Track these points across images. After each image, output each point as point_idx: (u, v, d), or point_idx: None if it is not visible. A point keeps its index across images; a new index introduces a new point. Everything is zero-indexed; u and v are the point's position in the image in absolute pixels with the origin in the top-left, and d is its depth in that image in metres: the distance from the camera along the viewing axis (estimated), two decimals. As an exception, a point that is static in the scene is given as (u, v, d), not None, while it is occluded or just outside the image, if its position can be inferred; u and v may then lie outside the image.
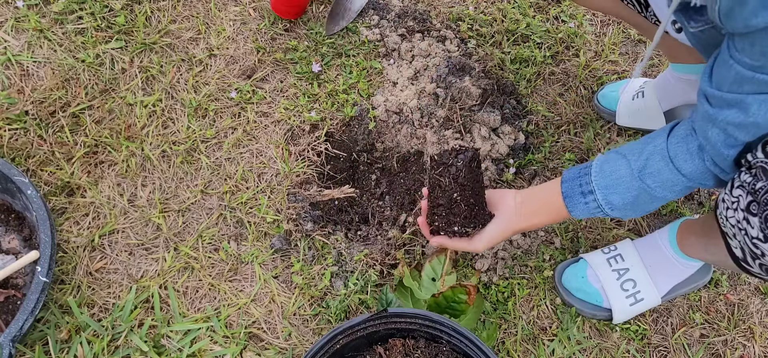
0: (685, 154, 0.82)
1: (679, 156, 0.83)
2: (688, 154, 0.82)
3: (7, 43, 1.27)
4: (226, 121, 1.27)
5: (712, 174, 0.81)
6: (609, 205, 0.88)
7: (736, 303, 1.20)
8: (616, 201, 0.87)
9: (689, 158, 0.82)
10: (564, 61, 1.47)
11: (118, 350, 1.02)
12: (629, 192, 0.87)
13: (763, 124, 0.71)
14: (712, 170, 0.80)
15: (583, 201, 0.90)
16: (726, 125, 0.74)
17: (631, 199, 0.87)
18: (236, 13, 1.42)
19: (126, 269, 1.10)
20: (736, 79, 0.70)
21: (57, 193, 1.15)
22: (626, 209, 0.88)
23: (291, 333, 1.07)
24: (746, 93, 0.70)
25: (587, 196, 0.90)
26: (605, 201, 0.88)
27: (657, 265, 1.11)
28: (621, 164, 0.87)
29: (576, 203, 0.91)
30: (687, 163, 0.82)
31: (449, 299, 1.07)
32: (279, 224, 1.17)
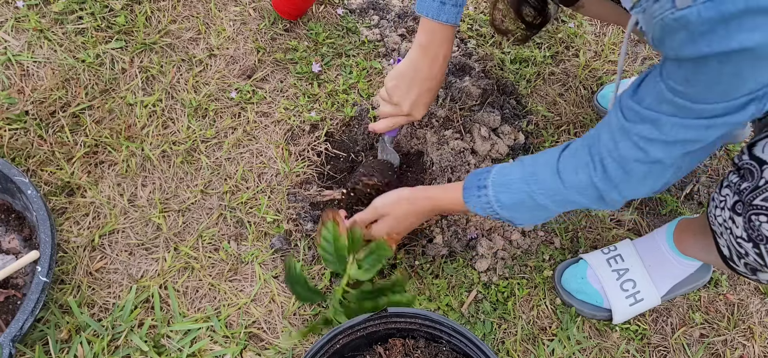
0: (572, 166, 0.86)
1: (566, 168, 0.87)
2: (574, 167, 0.86)
3: (7, 43, 1.27)
4: (226, 121, 1.27)
5: (594, 189, 0.84)
6: (498, 202, 0.92)
7: (736, 303, 1.20)
8: (505, 200, 0.92)
9: (574, 171, 0.86)
10: (564, 61, 1.47)
11: (118, 350, 1.02)
12: (517, 194, 0.91)
13: (672, 141, 0.74)
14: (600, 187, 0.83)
15: (476, 194, 0.95)
16: (638, 139, 0.76)
17: (518, 200, 0.91)
18: (236, 13, 1.42)
19: (126, 269, 1.10)
20: (658, 97, 0.72)
21: (57, 193, 1.15)
22: (513, 210, 0.92)
23: (291, 333, 1.07)
24: (663, 113, 0.72)
25: (481, 190, 0.94)
26: (495, 198, 0.92)
27: (656, 265, 1.11)
28: (516, 167, 0.93)
29: (470, 194, 0.96)
30: (570, 175, 0.86)
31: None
32: (279, 224, 1.17)
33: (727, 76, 0.62)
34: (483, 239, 1.19)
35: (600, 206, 0.87)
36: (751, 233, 0.78)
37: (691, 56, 0.63)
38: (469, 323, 1.11)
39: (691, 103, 0.68)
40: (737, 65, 0.60)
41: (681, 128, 0.72)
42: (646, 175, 0.80)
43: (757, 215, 0.77)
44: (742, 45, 0.57)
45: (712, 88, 0.65)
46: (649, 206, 1.30)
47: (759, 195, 0.76)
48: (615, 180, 0.81)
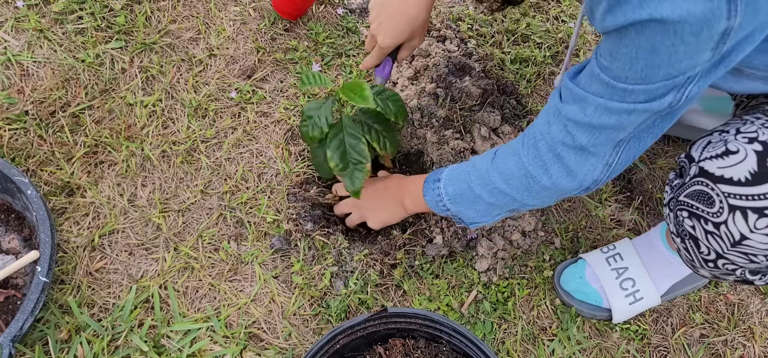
0: (504, 153, 0.89)
1: (500, 155, 0.90)
2: (506, 154, 0.89)
3: (7, 43, 1.27)
4: (226, 121, 1.27)
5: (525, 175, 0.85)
6: (446, 194, 0.95)
7: (736, 303, 1.20)
8: (450, 191, 0.95)
9: (504, 158, 0.88)
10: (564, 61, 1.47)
11: (118, 350, 1.02)
12: (459, 184, 0.94)
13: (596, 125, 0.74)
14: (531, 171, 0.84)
15: (432, 187, 0.98)
16: (566, 121, 0.77)
17: (459, 191, 0.94)
18: (236, 13, 1.42)
19: (126, 269, 1.10)
20: (590, 75, 0.73)
21: (57, 193, 1.15)
22: (457, 202, 0.95)
23: (291, 333, 1.07)
24: (591, 92, 0.73)
25: (436, 182, 0.97)
26: (445, 190, 0.96)
27: (655, 263, 1.11)
28: (465, 162, 0.97)
29: (428, 187, 0.99)
30: (501, 161, 0.89)
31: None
32: (279, 224, 1.17)
33: (644, 51, 0.63)
34: (483, 240, 1.19)
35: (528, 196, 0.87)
36: (678, 228, 0.82)
37: (612, 27, 0.64)
38: (470, 323, 1.11)
39: (614, 82, 0.69)
40: (652, 39, 0.61)
41: (604, 112, 0.72)
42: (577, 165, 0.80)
43: (681, 210, 0.80)
44: (652, 15, 0.58)
45: (633, 65, 0.65)
46: (649, 205, 1.30)
47: (684, 191, 0.79)
48: (546, 163, 0.82)
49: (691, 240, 0.80)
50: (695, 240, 0.79)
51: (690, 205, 0.78)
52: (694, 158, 0.79)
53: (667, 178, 0.87)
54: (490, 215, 0.96)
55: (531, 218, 1.22)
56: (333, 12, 1.47)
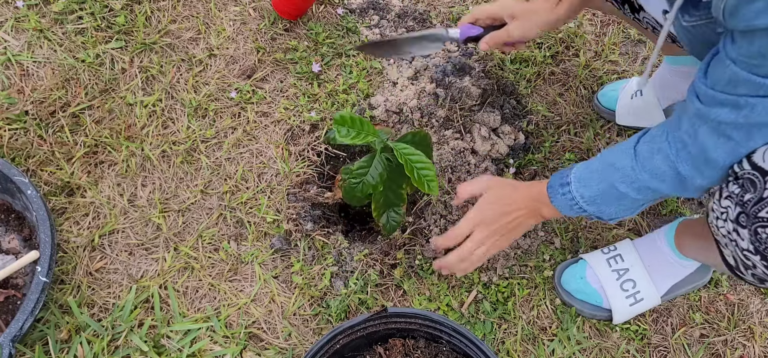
0: (648, 151, 0.84)
1: (643, 153, 0.85)
2: (650, 152, 0.84)
3: (7, 43, 1.27)
4: (226, 121, 1.27)
5: (676, 175, 0.81)
6: (582, 197, 0.91)
7: (736, 303, 1.20)
8: (586, 193, 0.91)
9: (650, 156, 0.84)
10: (564, 61, 1.47)
11: (118, 350, 1.02)
12: (598, 185, 0.90)
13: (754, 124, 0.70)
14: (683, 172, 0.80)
15: (560, 192, 0.94)
16: (718, 124, 0.73)
17: (599, 192, 0.90)
18: (236, 13, 1.42)
19: (126, 269, 1.10)
20: (731, 80, 0.69)
21: (57, 193, 1.15)
22: (597, 202, 0.91)
23: (291, 333, 1.07)
24: (740, 95, 0.69)
25: (564, 187, 0.93)
26: (579, 193, 0.91)
27: (656, 265, 1.11)
28: (596, 160, 0.92)
29: (555, 192, 0.94)
30: (647, 160, 0.84)
31: None
32: (279, 224, 1.17)
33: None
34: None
35: (681, 192, 0.85)
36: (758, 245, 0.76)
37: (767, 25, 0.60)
38: (470, 323, 1.11)
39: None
40: None
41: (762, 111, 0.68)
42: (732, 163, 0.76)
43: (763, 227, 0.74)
44: None
45: None
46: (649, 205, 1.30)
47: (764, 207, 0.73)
48: (699, 165, 0.78)
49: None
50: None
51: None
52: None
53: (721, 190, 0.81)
54: (633, 209, 0.93)
55: (531, 218, 1.22)
56: (333, 12, 1.47)
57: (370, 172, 1.03)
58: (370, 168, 1.03)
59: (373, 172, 1.03)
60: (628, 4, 1.04)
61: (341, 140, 0.97)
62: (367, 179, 1.03)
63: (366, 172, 1.03)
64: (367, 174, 1.03)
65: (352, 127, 0.98)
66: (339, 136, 0.97)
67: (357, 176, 1.03)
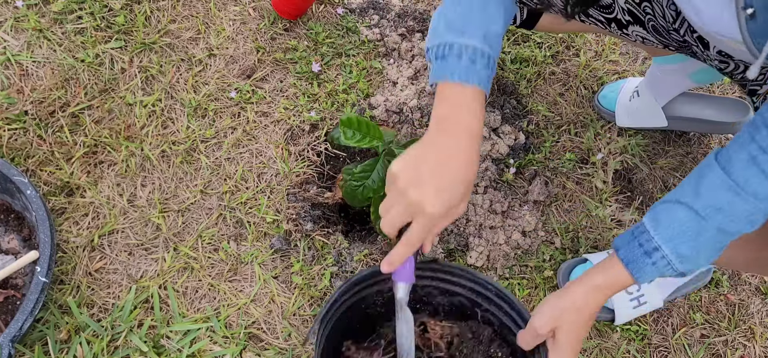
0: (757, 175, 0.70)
1: (750, 181, 0.71)
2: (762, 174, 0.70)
3: (7, 43, 1.27)
4: (226, 121, 1.27)
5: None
6: (679, 257, 0.75)
7: (737, 303, 1.20)
8: (685, 251, 0.74)
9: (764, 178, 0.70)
10: (564, 61, 1.47)
11: (118, 350, 1.02)
12: (699, 236, 0.74)
13: None
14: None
15: (649, 261, 0.76)
16: None
17: (703, 243, 0.74)
18: (236, 13, 1.42)
19: (126, 269, 1.10)
20: None
21: (56, 193, 1.14)
22: (699, 256, 0.75)
23: (291, 333, 1.07)
24: None
25: (653, 254, 0.76)
26: (675, 254, 0.75)
27: None
28: (679, 211, 0.75)
29: (642, 265, 0.77)
30: (762, 184, 0.70)
31: None
32: (279, 224, 1.17)
33: None
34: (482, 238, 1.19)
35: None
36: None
37: None
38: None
39: None
40: None
41: None
42: None
43: None
44: None
45: None
46: (649, 205, 1.29)
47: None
48: None
49: None
50: None
51: None
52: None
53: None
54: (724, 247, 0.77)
55: (531, 217, 1.22)
56: (333, 12, 1.47)
57: (372, 176, 1.02)
58: (373, 172, 1.02)
59: (374, 177, 1.02)
60: (615, 23, 0.95)
61: (346, 142, 0.97)
62: (369, 183, 1.03)
63: (368, 177, 1.03)
64: (369, 178, 1.03)
65: (358, 129, 0.98)
66: (344, 138, 0.97)
67: (359, 179, 1.03)
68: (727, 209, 0.72)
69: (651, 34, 0.91)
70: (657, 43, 0.93)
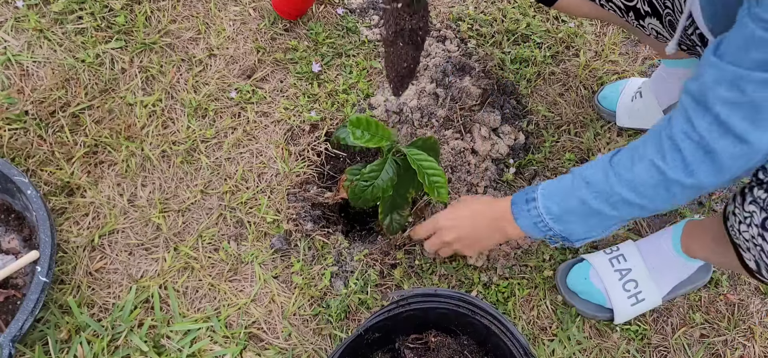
0: (628, 161, 0.78)
1: (621, 164, 0.79)
2: (630, 161, 0.78)
3: (7, 43, 1.27)
4: (226, 121, 1.27)
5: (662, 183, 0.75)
6: (549, 213, 0.86)
7: (736, 303, 1.20)
8: (555, 209, 0.86)
9: (629, 166, 0.78)
10: (564, 61, 1.47)
11: (118, 350, 1.02)
12: (567, 200, 0.84)
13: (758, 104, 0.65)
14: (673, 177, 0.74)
15: (525, 209, 0.89)
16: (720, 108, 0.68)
17: (569, 208, 0.84)
18: (236, 13, 1.42)
19: (126, 269, 1.10)
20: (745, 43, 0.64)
21: (57, 193, 1.15)
22: (565, 220, 0.85)
23: (291, 333, 1.07)
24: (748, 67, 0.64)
25: (530, 203, 0.89)
26: (545, 208, 0.86)
27: (659, 265, 1.11)
28: (567, 176, 0.87)
29: (520, 209, 0.90)
30: (626, 171, 0.78)
31: None
32: (279, 224, 1.17)
33: None
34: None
35: (663, 203, 0.78)
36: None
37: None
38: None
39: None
40: None
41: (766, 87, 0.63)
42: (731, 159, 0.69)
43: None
44: None
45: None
46: (649, 206, 1.30)
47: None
48: (691, 165, 0.72)
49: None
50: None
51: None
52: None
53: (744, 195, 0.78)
54: (604, 227, 0.86)
55: (531, 218, 1.22)
56: (333, 12, 1.47)
57: (381, 176, 1.03)
58: (381, 172, 1.04)
59: (384, 176, 1.03)
60: (633, 12, 1.00)
61: (355, 142, 0.98)
62: (378, 183, 1.03)
63: (377, 176, 1.03)
64: (378, 178, 1.04)
65: (366, 129, 0.99)
66: (353, 138, 0.98)
67: (368, 179, 1.03)
68: (593, 184, 0.81)
69: (666, 28, 0.92)
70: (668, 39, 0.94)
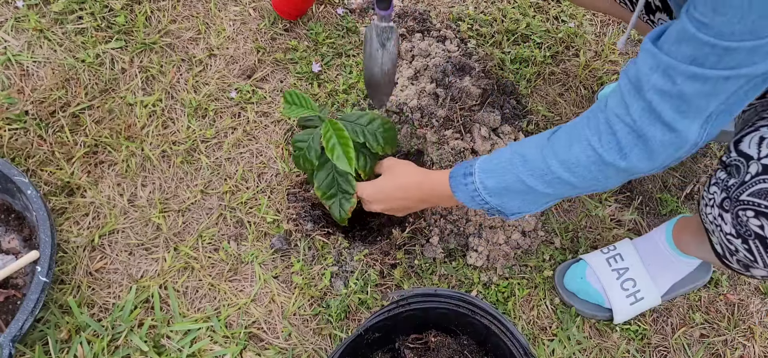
0: (565, 141, 0.78)
1: (558, 143, 0.79)
2: (568, 142, 0.78)
3: (7, 43, 1.27)
4: (226, 121, 1.27)
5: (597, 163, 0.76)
6: (485, 188, 0.87)
7: (736, 303, 1.20)
8: (491, 184, 0.86)
9: (567, 147, 0.78)
10: (564, 61, 1.47)
11: (118, 350, 1.02)
12: (504, 176, 0.85)
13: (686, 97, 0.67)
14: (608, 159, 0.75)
15: (463, 182, 0.90)
16: (652, 96, 0.69)
17: (505, 184, 0.85)
18: (236, 13, 1.42)
19: (126, 269, 1.10)
20: (678, 37, 0.66)
21: (57, 193, 1.15)
22: (501, 195, 0.86)
23: (291, 333, 1.07)
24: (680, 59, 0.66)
25: (467, 177, 0.89)
26: (482, 184, 0.87)
27: (656, 263, 1.11)
28: (505, 150, 0.87)
29: (457, 182, 0.91)
30: (562, 151, 0.78)
31: None
32: (279, 224, 1.17)
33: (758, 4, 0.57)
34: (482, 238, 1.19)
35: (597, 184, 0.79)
36: (739, 228, 0.78)
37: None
38: (469, 323, 1.11)
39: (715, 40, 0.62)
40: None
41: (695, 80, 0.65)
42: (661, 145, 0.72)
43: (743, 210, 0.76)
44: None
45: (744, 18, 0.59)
46: (649, 205, 1.30)
47: (745, 190, 0.76)
48: (624, 148, 0.73)
49: (758, 240, 0.76)
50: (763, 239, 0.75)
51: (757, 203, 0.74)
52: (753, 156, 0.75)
53: (710, 178, 0.82)
54: (539, 204, 0.88)
55: (531, 218, 1.22)
56: (333, 12, 1.47)
57: (309, 145, 1.07)
58: (309, 142, 1.08)
59: (312, 146, 1.07)
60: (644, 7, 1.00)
61: (286, 114, 1.07)
62: (307, 155, 1.07)
63: (305, 146, 1.08)
64: (307, 148, 1.07)
65: (296, 103, 1.07)
66: (284, 112, 1.07)
67: (298, 148, 1.09)
68: (529, 161, 0.82)
69: None
70: None
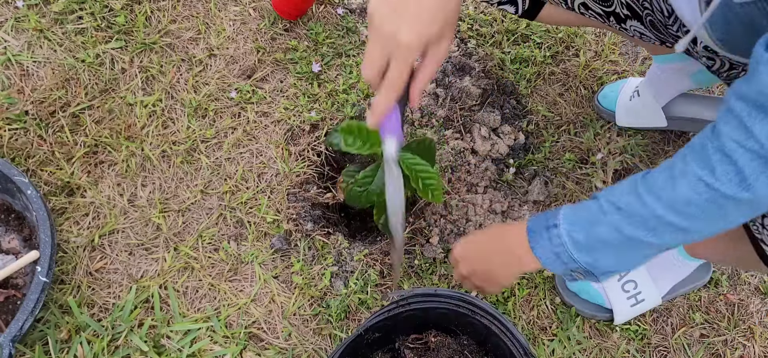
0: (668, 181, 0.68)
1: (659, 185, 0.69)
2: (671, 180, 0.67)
3: (7, 43, 1.27)
4: (226, 121, 1.27)
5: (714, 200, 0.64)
6: (573, 242, 0.75)
7: (736, 303, 1.20)
8: (580, 237, 0.74)
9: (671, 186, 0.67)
10: (564, 61, 1.47)
11: (118, 350, 1.02)
12: (594, 227, 0.73)
13: None
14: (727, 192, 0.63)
15: (547, 236, 0.77)
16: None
17: (598, 237, 0.73)
18: (236, 13, 1.42)
19: (126, 269, 1.10)
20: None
21: (57, 193, 1.15)
22: (593, 249, 0.75)
23: (291, 333, 1.07)
24: None
25: (551, 230, 0.77)
26: (569, 236, 0.75)
27: (658, 266, 1.11)
28: (589, 202, 0.76)
29: (539, 236, 0.78)
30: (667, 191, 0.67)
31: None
32: (279, 224, 1.17)
33: None
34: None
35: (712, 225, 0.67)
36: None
37: None
38: (469, 323, 1.11)
39: None
40: None
41: None
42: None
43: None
44: None
45: None
46: (649, 205, 1.30)
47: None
48: (748, 178, 0.61)
49: None
50: None
51: None
52: None
53: None
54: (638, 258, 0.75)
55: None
56: (333, 12, 1.47)
57: (374, 181, 1.03)
58: (375, 178, 1.03)
59: (377, 182, 1.03)
60: (613, 17, 0.95)
61: (347, 149, 0.97)
62: (372, 189, 1.03)
63: (371, 182, 1.03)
64: (372, 183, 1.03)
65: (358, 136, 0.98)
66: (345, 145, 0.97)
67: (362, 185, 1.03)
68: (626, 210, 0.71)
69: (648, 29, 0.92)
70: (654, 40, 0.93)
